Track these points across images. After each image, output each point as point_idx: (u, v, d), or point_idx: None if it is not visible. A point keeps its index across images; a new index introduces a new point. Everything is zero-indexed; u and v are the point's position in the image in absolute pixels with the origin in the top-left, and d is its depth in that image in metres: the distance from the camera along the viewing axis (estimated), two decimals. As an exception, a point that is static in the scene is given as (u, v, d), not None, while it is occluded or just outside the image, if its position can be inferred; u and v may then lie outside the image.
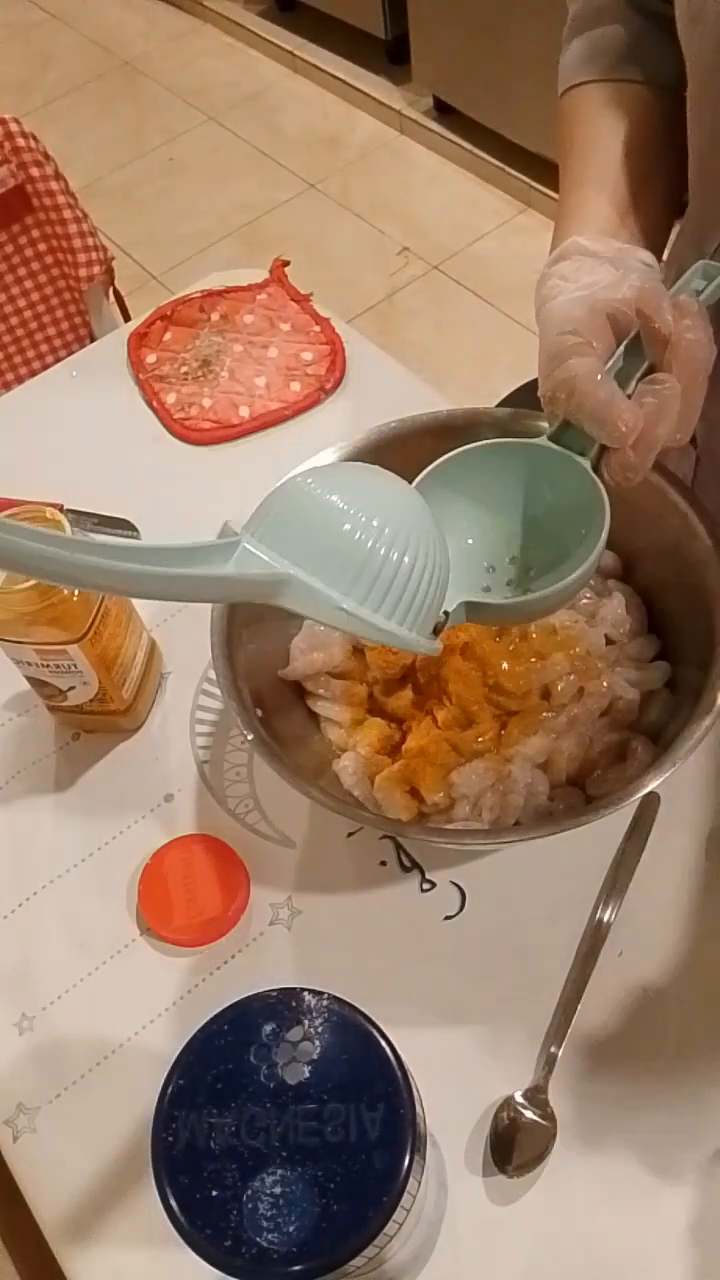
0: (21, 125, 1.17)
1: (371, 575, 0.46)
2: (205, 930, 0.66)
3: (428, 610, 0.49)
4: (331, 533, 0.46)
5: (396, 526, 0.47)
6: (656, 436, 0.52)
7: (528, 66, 2.06)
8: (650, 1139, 0.59)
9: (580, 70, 0.68)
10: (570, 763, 0.66)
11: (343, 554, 0.46)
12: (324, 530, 0.46)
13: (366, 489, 0.48)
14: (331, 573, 0.45)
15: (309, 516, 0.46)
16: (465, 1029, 0.63)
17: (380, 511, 0.47)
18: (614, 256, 0.56)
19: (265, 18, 2.82)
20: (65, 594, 0.64)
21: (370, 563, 0.46)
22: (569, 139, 0.68)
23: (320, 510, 0.46)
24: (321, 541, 0.46)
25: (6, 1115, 0.62)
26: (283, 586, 0.45)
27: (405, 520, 0.47)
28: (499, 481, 0.59)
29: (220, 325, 1.01)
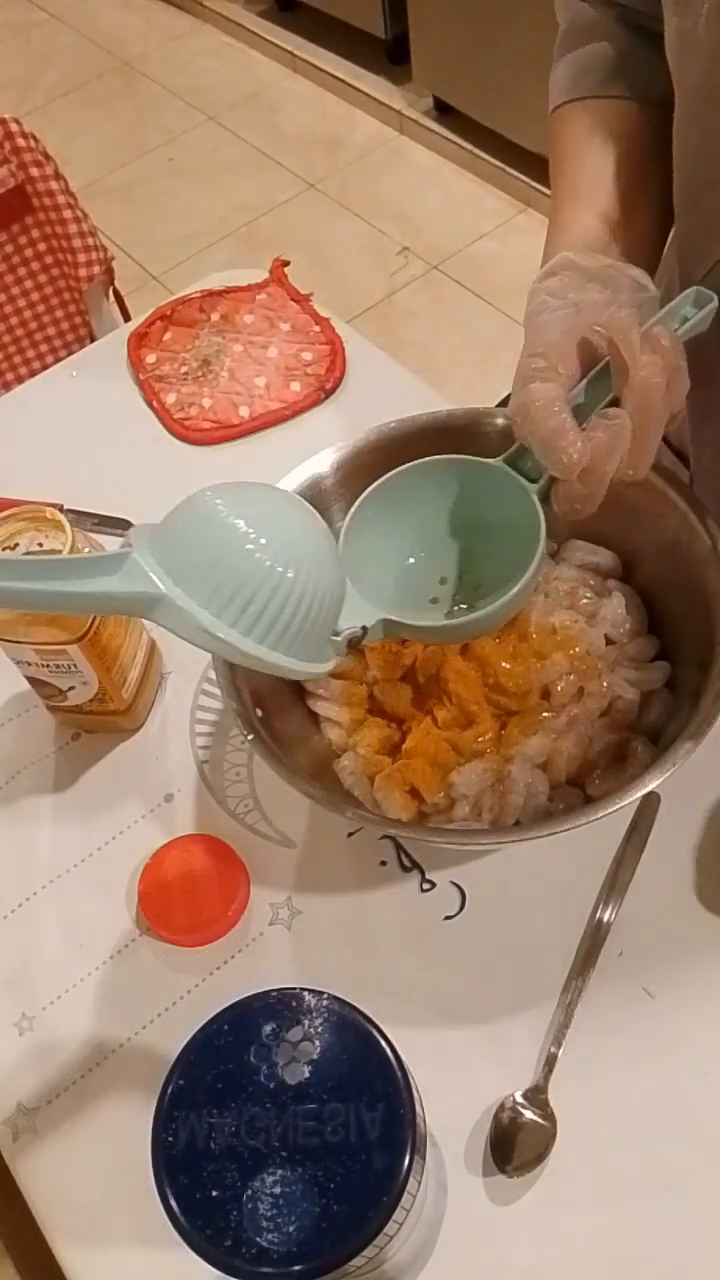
0: (21, 125, 1.17)
1: (246, 597, 0.45)
2: (205, 930, 0.66)
3: (307, 635, 0.48)
4: (216, 550, 0.45)
5: (284, 550, 0.46)
6: (605, 471, 0.51)
7: (528, 66, 2.06)
8: (650, 1139, 0.59)
9: (569, 88, 0.68)
10: (570, 763, 0.66)
11: (222, 573, 0.45)
12: (209, 547, 0.46)
13: (266, 510, 0.48)
14: (207, 592, 0.45)
15: (199, 532, 0.46)
16: (465, 1029, 0.63)
17: (272, 534, 0.46)
18: (603, 274, 0.56)
19: (265, 18, 2.83)
20: (65, 594, 0.64)
21: (247, 585, 0.45)
22: (559, 156, 0.68)
23: (210, 527, 0.46)
24: (204, 558, 0.45)
25: (6, 1115, 0.62)
26: (156, 604, 0.45)
27: (297, 545, 0.47)
28: (450, 498, 0.59)
29: (220, 325, 1.01)
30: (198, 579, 0.45)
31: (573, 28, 0.70)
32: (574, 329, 0.53)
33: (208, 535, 0.46)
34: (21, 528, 0.66)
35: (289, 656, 0.48)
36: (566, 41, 0.70)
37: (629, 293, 0.55)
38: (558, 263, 0.57)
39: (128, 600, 0.45)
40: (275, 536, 0.46)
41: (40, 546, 0.66)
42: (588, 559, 0.72)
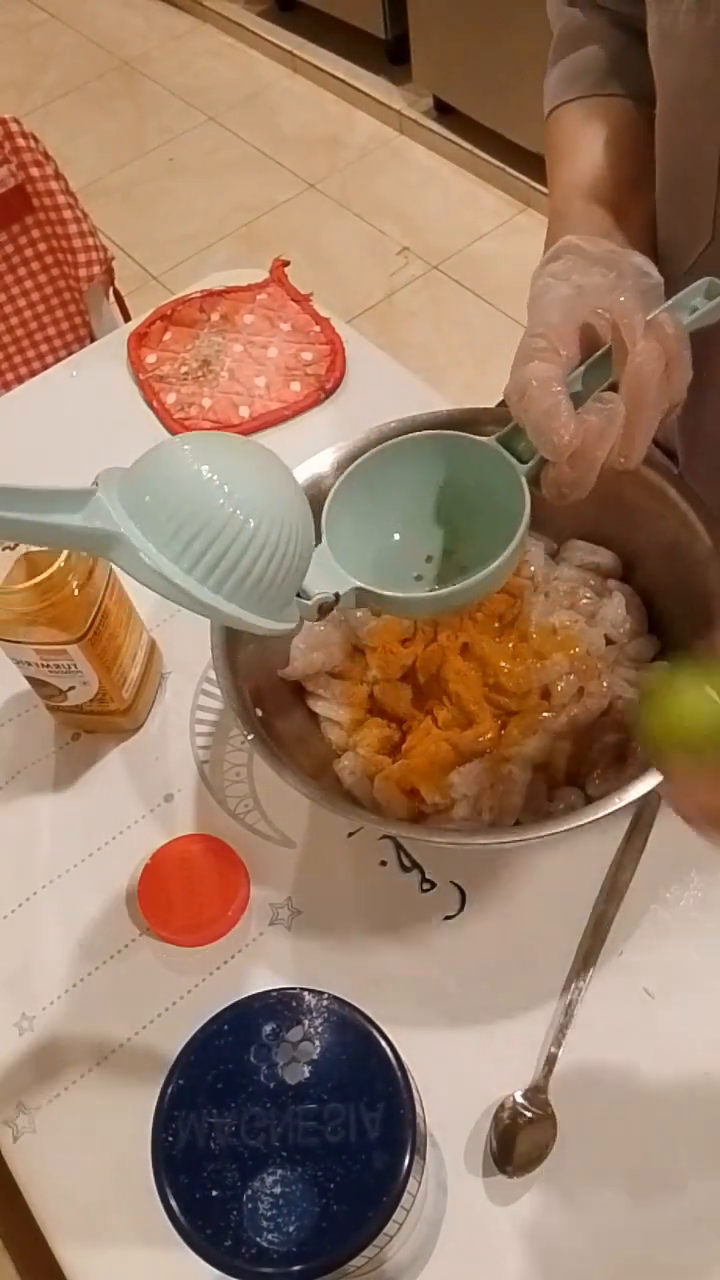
0: (21, 125, 1.17)
1: (205, 544, 0.45)
2: (205, 930, 0.66)
3: (267, 590, 0.47)
4: (178, 495, 0.45)
5: (248, 500, 0.45)
6: (595, 456, 0.51)
7: (528, 66, 2.05)
8: (650, 1139, 0.59)
9: (564, 90, 0.69)
10: (570, 763, 0.66)
11: (182, 518, 0.45)
12: (172, 491, 0.45)
13: (234, 460, 0.47)
14: (167, 536, 0.44)
15: (164, 476, 0.46)
16: (465, 1029, 0.63)
17: (237, 483, 0.46)
18: (607, 258, 0.56)
19: (265, 18, 2.82)
20: (65, 594, 0.64)
21: (206, 530, 0.45)
22: (556, 151, 0.68)
23: (176, 472, 0.46)
24: (166, 502, 0.45)
25: (6, 1115, 0.62)
26: (113, 542, 0.45)
27: (262, 496, 0.46)
28: (439, 475, 0.58)
29: (220, 325, 1.01)
30: (159, 522, 0.45)
31: (565, 33, 0.70)
32: (576, 311, 0.52)
33: (172, 479, 0.45)
34: (21, 528, 0.66)
35: (247, 610, 0.47)
36: (560, 47, 0.70)
37: (633, 278, 0.54)
38: (562, 246, 0.57)
39: (86, 536, 0.45)
40: (240, 486, 0.45)
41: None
42: (588, 559, 0.72)
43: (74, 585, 0.64)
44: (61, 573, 0.63)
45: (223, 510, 0.45)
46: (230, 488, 0.45)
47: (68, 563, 0.63)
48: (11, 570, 0.65)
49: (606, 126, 0.65)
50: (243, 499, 0.45)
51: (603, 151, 0.65)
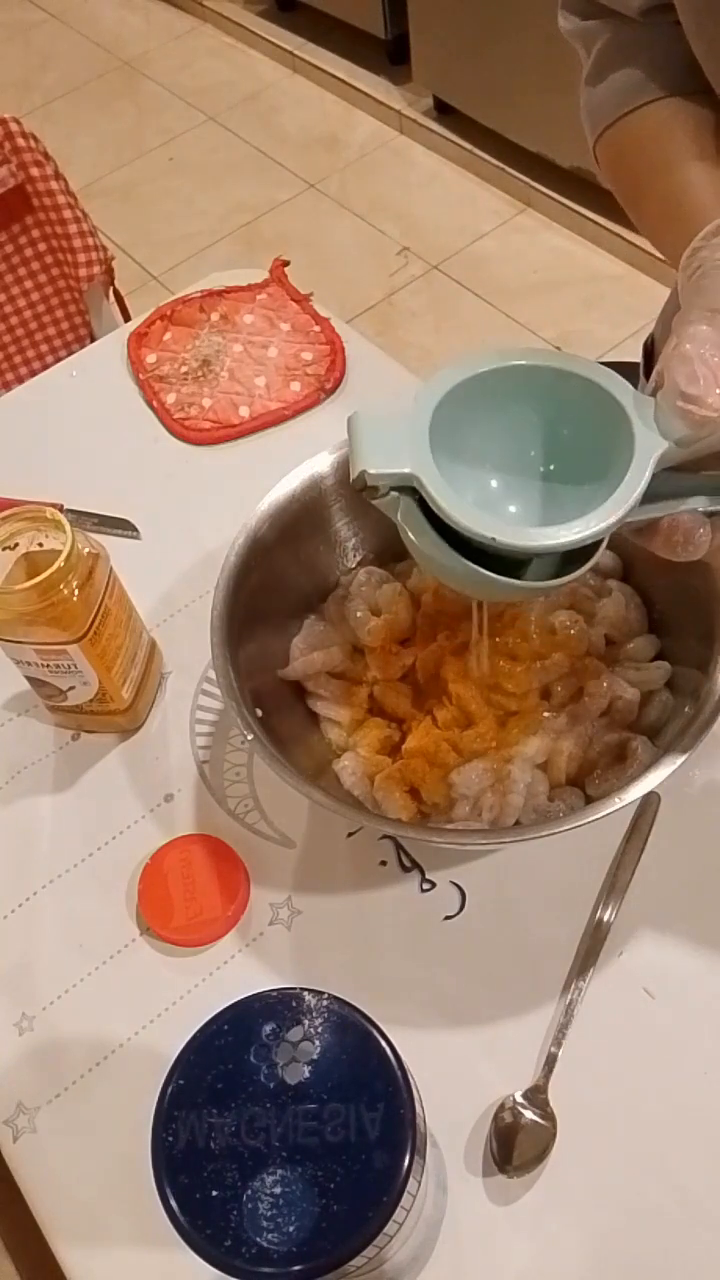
0: (21, 125, 1.17)
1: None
2: (205, 930, 0.66)
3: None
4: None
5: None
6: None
7: (528, 66, 2.06)
8: (650, 1139, 0.59)
9: (634, 95, 0.66)
10: (570, 763, 0.66)
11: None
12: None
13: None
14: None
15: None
16: (465, 1029, 0.63)
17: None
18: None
19: (265, 18, 2.82)
20: (65, 594, 0.64)
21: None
22: (644, 155, 0.65)
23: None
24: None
25: (6, 1115, 0.62)
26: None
27: None
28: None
29: (220, 325, 1.01)
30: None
31: (613, 45, 0.67)
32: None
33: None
34: (21, 528, 0.66)
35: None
36: (606, 62, 0.68)
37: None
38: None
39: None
40: None
41: (40, 547, 0.66)
42: (588, 559, 0.72)
43: (74, 585, 0.64)
44: (61, 573, 0.63)
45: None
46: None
47: (68, 563, 0.63)
48: (11, 570, 0.65)
49: (699, 119, 0.63)
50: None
51: (711, 143, 0.62)
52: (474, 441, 0.47)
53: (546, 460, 0.49)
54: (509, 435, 0.48)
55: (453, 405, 0.46)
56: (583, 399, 0.46)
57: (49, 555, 0.64)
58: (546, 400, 0.47)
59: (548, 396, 0.47)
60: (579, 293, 2.17)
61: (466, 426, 0.46)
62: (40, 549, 0.66)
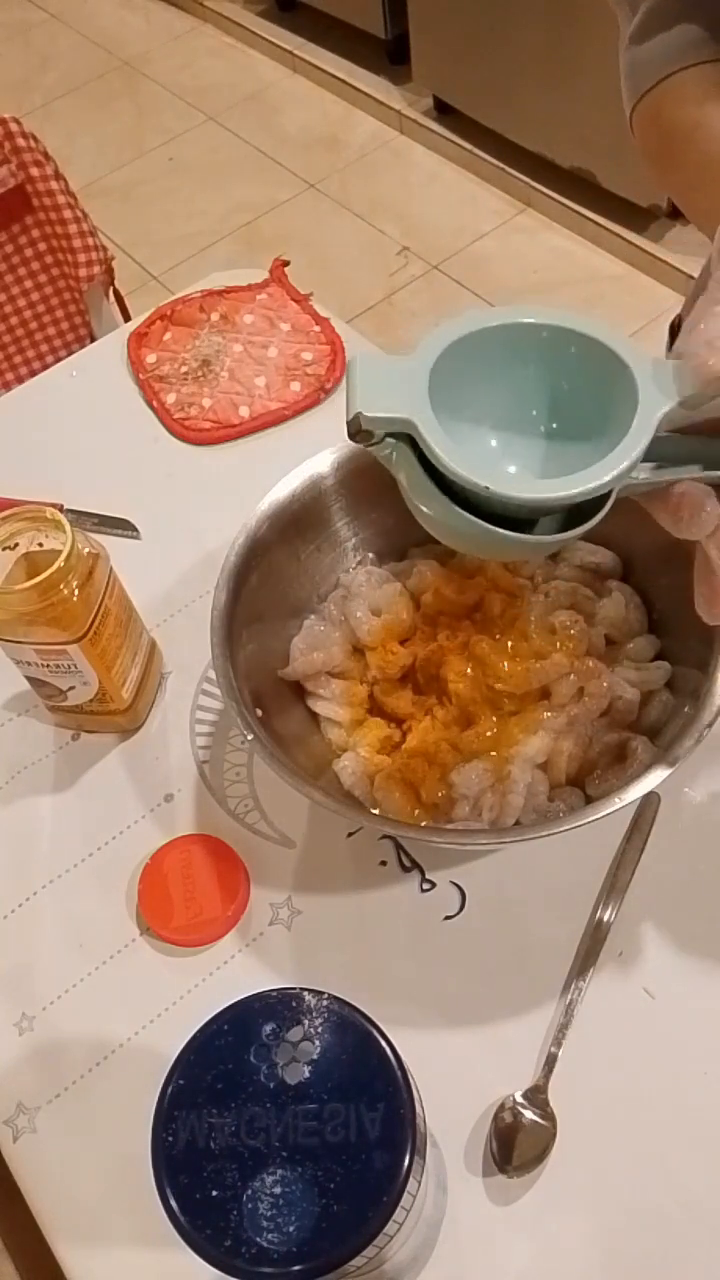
0: (21, 125, 1.17)
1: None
2: (205, 930, 0.66)
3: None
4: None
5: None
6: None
7: (528, 66, 2.06)
8: (650, 1139, 0.59)
9: (681, 56, 0.63)
10: (570, 763, 0.66)
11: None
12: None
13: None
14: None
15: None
16: (465, 1029, 0.63)
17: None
18: None
19: (265, 18, 2.82)
20: (65, 594, 0.64)
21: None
22: (687, 116, 0.62)
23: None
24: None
25: (6, 1115, 0.62)
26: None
27: None
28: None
29: (220, 325, 1.01)
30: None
31: (655, 10, 0.65)
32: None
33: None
34: (21, 528, 0.66)
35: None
36: (654, 20, 0.65)
37: None
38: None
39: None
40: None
41: (40, 547, 0.66)
42: (588, 559, 0.72)
43: (74, 585, 0.64)
44: (61, 573, 0.63)
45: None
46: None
47: (68, 563, 0.63)
48: (11, 570, 0.65)
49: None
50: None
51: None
52: (474, 399, 0.46)
53: (548, 419, 0.48)
54: (510, 393, 0.47)
55: (454, 360, 0.45)
56: (586, 357, 0.45)
57: (49, 555, 0.64)
58: (549, 358, 0.46)
59: (550, 355, 0.46)
60: (579, 293, 2.16)
61: (467, 383, 0.46)
62: (40, 549, 0.66)
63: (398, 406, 0.42)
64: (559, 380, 0.46)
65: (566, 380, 0.46)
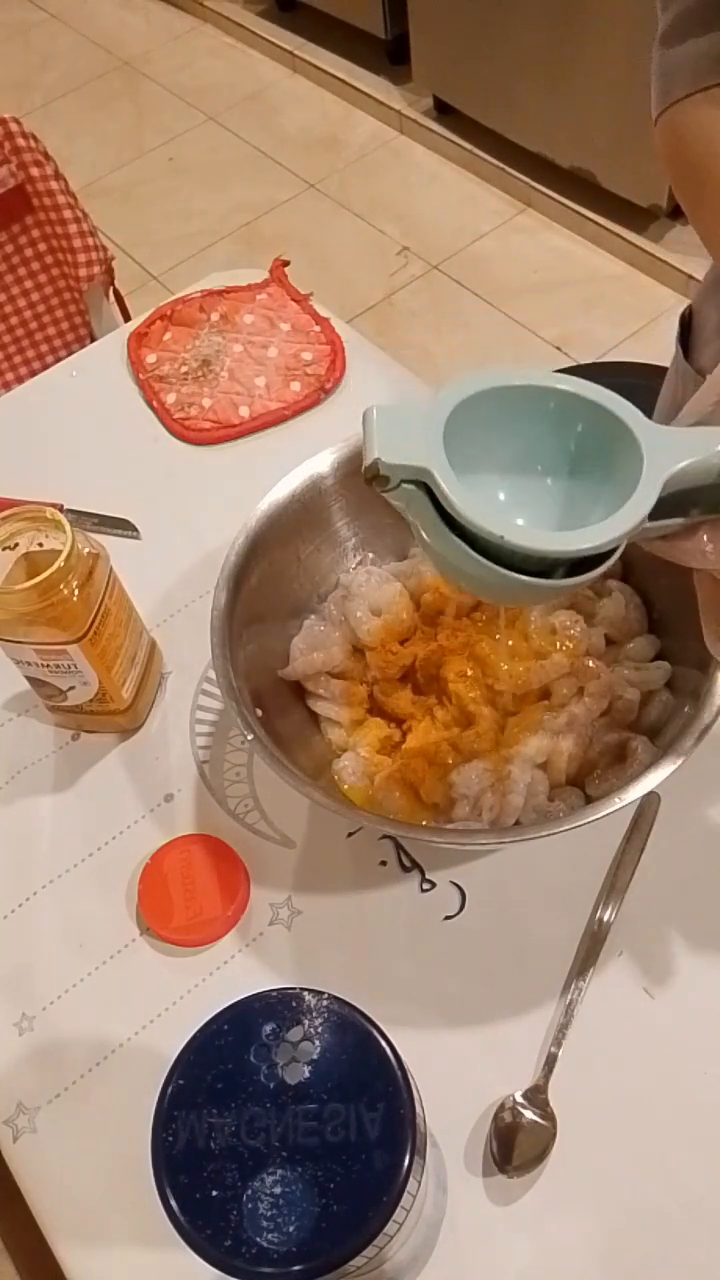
0: (21, 125, 1.17)
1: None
2: (205, 930, 0.66)
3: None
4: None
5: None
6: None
7: (528, 66, 2.06)
8: (650, 1139, 0.59)
9: (702, 73, 0.60)
10: (570, 763, 0.66)
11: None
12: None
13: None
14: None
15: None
16: (465, 1029, 0.63)
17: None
18: None
19: (265, 18, 2.83)
20: (65, 594, 0.64)
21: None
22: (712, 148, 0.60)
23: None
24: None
25: (6, 1115, 0.62)
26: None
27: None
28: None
29: (220, 325, 1.01)
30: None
31: (695, 9, 0.61)
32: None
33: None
34: (21, 528, 0.66)
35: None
36: (691, 18, 0.61)
37: None
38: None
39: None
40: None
41: (40, 547, 0.66)
42: (588, 559, 0.72)
43: (74, 585, 0.64)
44: (61, 573, 0.63)
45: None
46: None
47: (68, 563, 0.63)
48: (11, 570, 0.65)
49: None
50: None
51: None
52: (483, 449, 0.48)
53: (555, 471, 0.49)
54: (519, 446, 0.49)
55: (466, 413, 0.46)
56: (594, 420, 0.47)
57: (49, 555, 0.64)
58: (558, 418, 0.48)
59: (559, 416, 0.48)
60: (579, 293, 2.17)
61: (478, 434, 0.47)
62: (40, 549, 0.66)
63: (415, 455, 0.44)
64: (567, 438, 0.48)
65: (574, 439, 0.48)
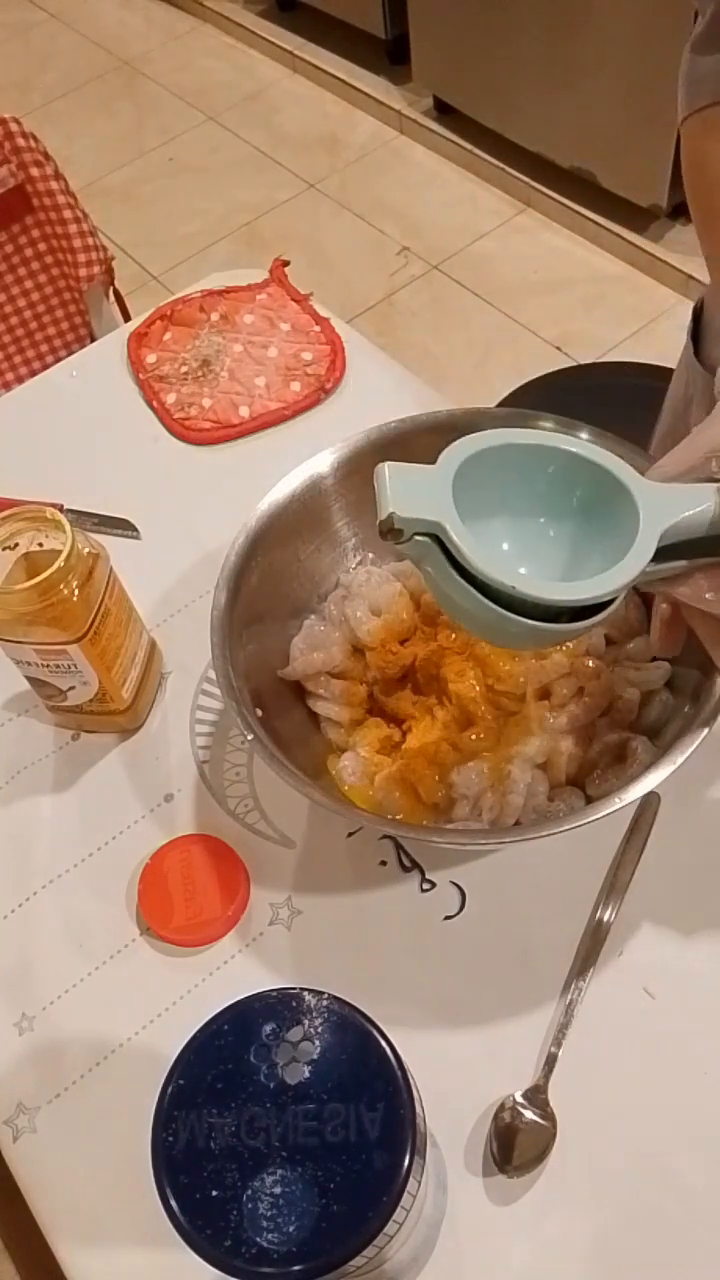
0: (21, 125, 1.17)
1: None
2: (205, 930, 0.66)
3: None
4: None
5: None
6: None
7: (528, 66, 2.06)
8: (650, 1139, 0.59)
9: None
10: (570, 763, 0.66)
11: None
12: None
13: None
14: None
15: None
16: (465, 1029, 0.63)
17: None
18: None
19: (265, 18, 2.83)
20: (65, 594, 0.64)
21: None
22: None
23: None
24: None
25: (6, 1115, 0.62)
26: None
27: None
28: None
29: (220, 325, 1.01)
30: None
31: (717, 19, 0.60)
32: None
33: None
34: (21, 528, 0.66)
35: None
36: (714, 32, 0.60)
37: None
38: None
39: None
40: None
41: (40, 547, 0.66)
42: (588, 559, 0.72)
43: (74, 585, 0.64)
44: (61, 573, 0.63)
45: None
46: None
47: (68, 563, 0.63)
48: (11, 570, 0.65)
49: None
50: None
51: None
52: (487, 502, 0.51)
53: (557, 522, 0.52)
54: (521, 499, 0.52)
55: (471, 467, 0.49)
56: (592, 478, 0.50)
57: (49, 555, 0.64)
58: (559, 476, 0.51)
59: (560, 471, 0.51)
60: (579, 293, 2.17)
61: (481, 487, 0.50)
62: (40, 549, 0.66)
63: (427, 509, 0.47)
64: (570, 492, 0.51)
65: (576, 494, 0.51)
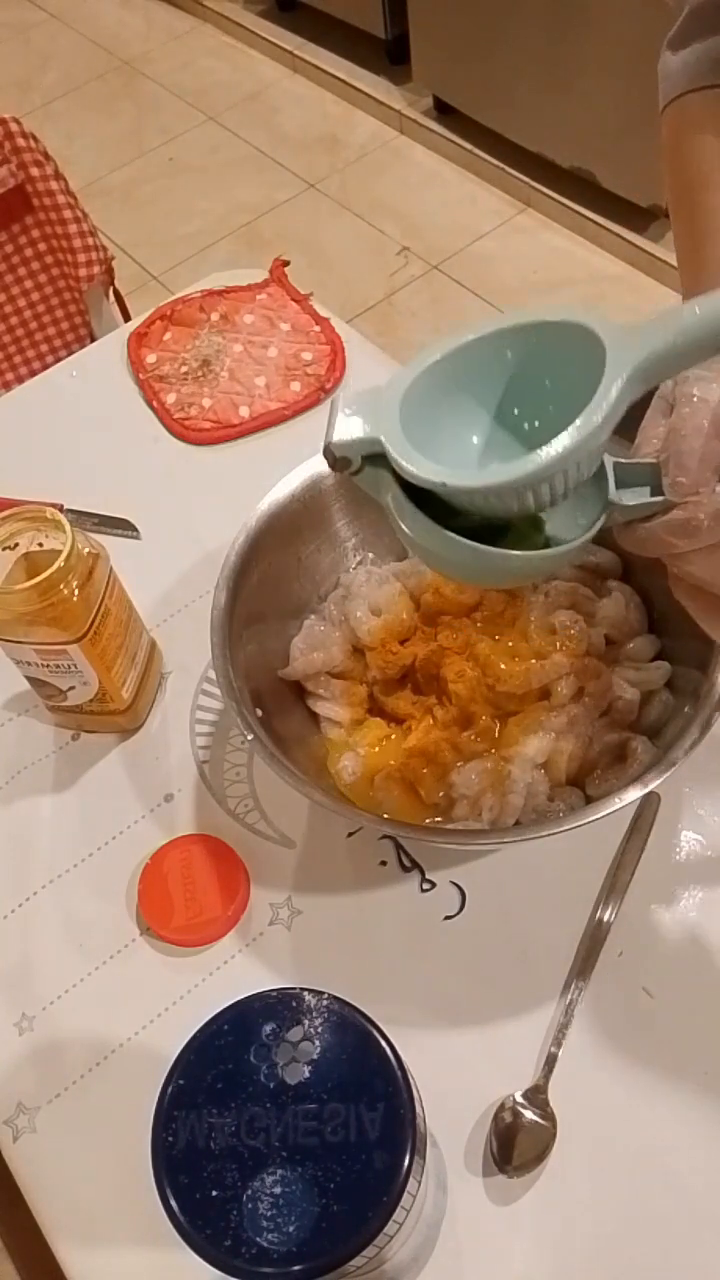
0: (21, 125, 1.17)
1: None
2: (205, 930, 0.66)
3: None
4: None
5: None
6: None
7: (528, 66, 2.06)
8: (650, 1139, 0.59)
9: (708, 72, 0.59)
10: (570, 763, 0.66)
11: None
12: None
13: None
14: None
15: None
16: (465, 1029, 0.63)
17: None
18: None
19: (265, 18, 2.82)
20: (65, 594, 0.64)
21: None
22: (699, 154, 0.59)
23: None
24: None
25: (6, 1115, 0.62)
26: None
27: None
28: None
29: (220, 325, 1.01)
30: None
31: (698, 14, 0.60)
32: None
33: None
34: (21, 528, 0.66)
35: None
36: (697, 23, 0.60)
37: None
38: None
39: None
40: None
41: (40, 547, 0.66)
42: (587, 559, 0.72)
43: (74, 585, 0.64)
44: (61, 573, 0.63)
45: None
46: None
47: (68, 563, 0.63)
48: (11, 570, 0.65)
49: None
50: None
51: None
52: (458, 420, 0.46)
53: (534, 417, 0.47)
54: (497, 406, 0.47)
55: (436, 385, 0.45)
56: (560, 347, 0.44)
57: (49, 555, 0.64)
58: (527, 358, 0.46)
59: (525, 352, 0.45)
60: (579, 293, 2.16)
61: (455, 402, 0.46)
62: (40, 549, 0.66)
63: (365, 429, 0.43)
64: (539, 378, 0.46)
65: (549, 373, 0.46)
